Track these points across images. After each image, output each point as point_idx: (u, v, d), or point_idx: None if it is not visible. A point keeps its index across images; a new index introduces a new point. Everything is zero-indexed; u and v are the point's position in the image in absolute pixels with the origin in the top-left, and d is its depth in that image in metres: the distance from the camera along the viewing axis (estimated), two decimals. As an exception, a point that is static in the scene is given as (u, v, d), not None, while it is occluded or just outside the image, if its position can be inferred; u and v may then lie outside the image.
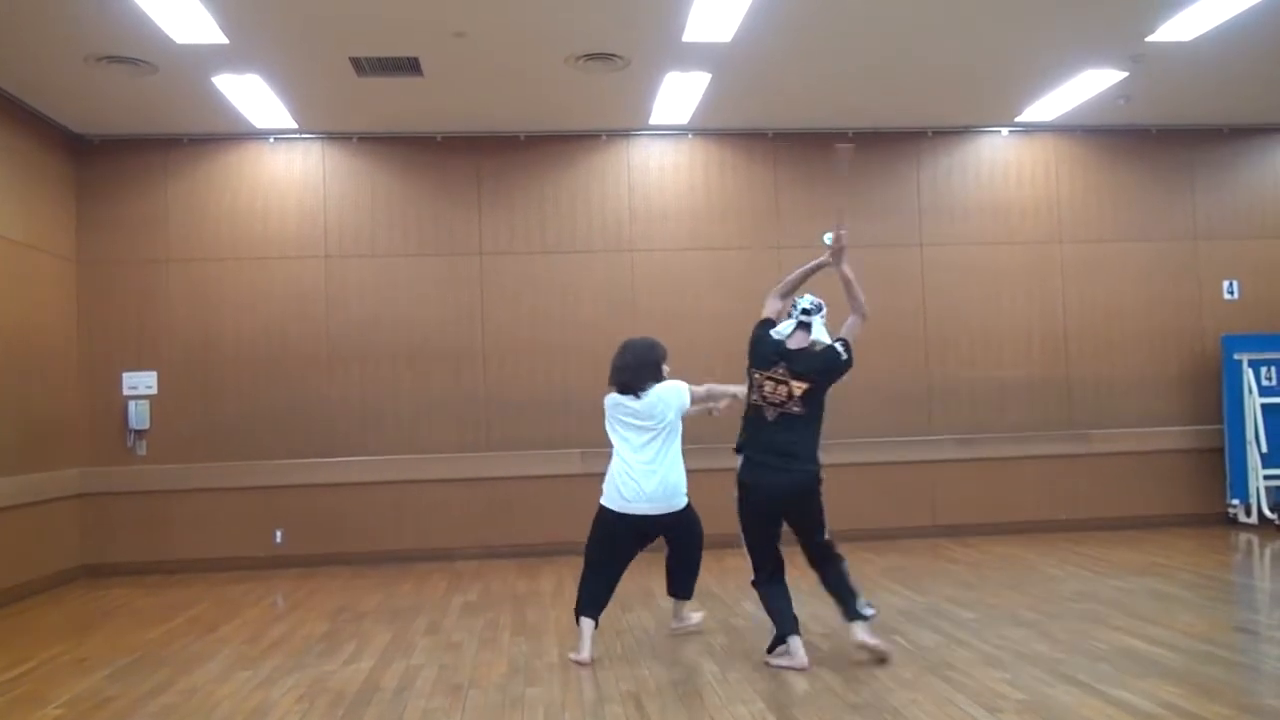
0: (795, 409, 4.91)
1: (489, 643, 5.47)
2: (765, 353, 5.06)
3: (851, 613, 4.82)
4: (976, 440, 8.84)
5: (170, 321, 8.38)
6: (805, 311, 5.16)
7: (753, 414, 5.05)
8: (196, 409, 8.33)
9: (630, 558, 5.34)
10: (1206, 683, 4.25)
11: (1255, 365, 8.70)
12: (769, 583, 5.05)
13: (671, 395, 5.29)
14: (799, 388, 4.92)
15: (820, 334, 5.08)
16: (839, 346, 5.00)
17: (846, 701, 4.18)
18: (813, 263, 5.37)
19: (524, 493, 8.49)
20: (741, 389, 5.29)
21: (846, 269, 5.21)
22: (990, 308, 8.99)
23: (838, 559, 5.01)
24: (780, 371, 4.98)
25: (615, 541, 5.23)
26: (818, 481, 5.00)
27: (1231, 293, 9.17)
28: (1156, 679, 4.33)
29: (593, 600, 5.15)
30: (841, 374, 5.00)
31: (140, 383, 8.29)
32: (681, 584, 5.56)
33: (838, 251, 5.23)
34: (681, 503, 5.33)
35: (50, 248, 7.89)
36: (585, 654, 4.96)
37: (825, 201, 8.92)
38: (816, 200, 8.91)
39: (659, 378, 5.37)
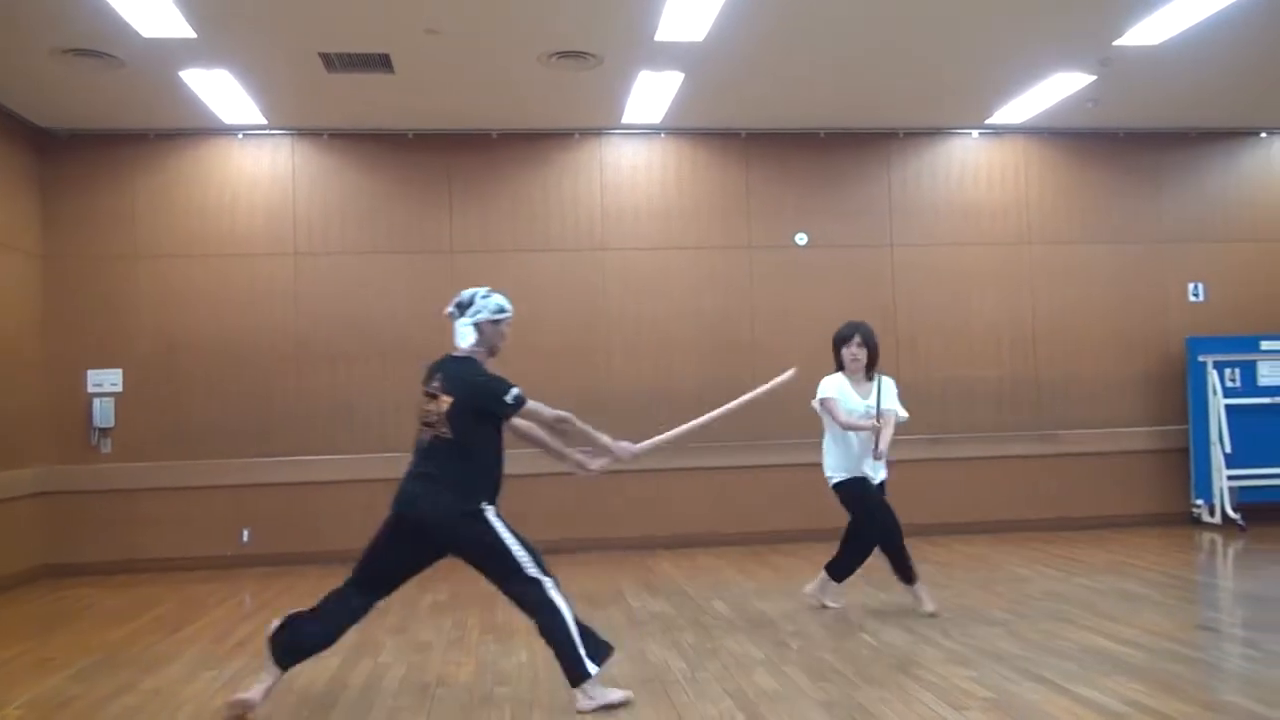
0: (441, 432, 4.22)
1: (457, 642, 5.45)
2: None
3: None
4: (946, 440, 8.89)
5: (137, 318, 8.29)
6: (458, 306, 4.41)
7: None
8: (163, 407, 8.25)
9: None
10: (1170, 680, 4.30)
11: (1219, 367, 8.80)
12: (339, 594, 4.31)
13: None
14: (445, 403, 4.21)
15: (466, 338, 4.37)
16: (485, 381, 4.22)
17: (815, 699, 4.18)
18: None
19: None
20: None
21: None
22: (960, 308, 9.05)
23: (540, 615, 4.17)
24: (435, 385, 4.31)
25: None
26: (463, 516, 4.16)
27: (1197, 295, 9.28)
28: (1121, 676, 4.37)
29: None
30: (486, 405, 4.22)
31: (105, 380, 8.19)
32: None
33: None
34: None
35: (15, 243, 7.78)
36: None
37: (796, 202, 8.97)
38: (788, 201, 8.94)
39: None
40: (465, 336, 4.36)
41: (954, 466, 8.90)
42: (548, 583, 4.17)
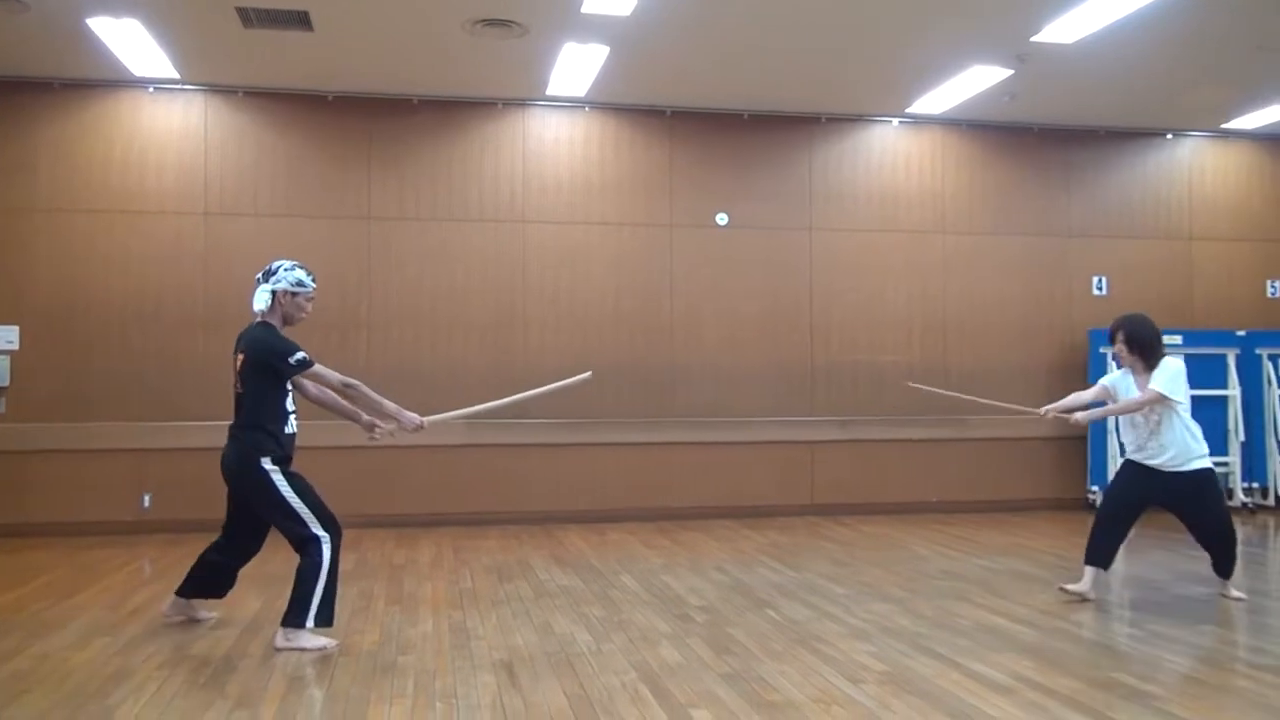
0: (238, 387, 4.74)
1: (362, 611, 5.39)
2: None
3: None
4: (855, 422, 9.06)
5: (35, 274, 8.00)
6: (264, 273, 4.84)
7: None
8: (61, 366, 7.98)
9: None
10: (1058, 657, 4.46)
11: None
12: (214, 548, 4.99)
13: None
14: (239, 360, 4.73)
15: (261, 301, 4.73)
16: (269, 333, 4.68)
17: (717, 672, 4.24)
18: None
19: (405, 463, 8.37)
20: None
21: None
22: (874, 294, 9.21)
23: (306, 556, 4.60)
24: (239, 346, 4.80)
25: None
26: (245, 467, 4.63)
27: (1100, 289, 9.57)
28: (1012, 653, 4.51)
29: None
30: (268, 360, 4.64)
31: (0, 338, 7.89)
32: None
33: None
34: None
35: (-96, 190, 7.44)
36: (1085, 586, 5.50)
37: (719, 183, 9.02)
38: (710, 180, 8.98)
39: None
40: (261, 301, 4.74)
41: (863, 448, 9.08)
42: (324, 539, 4.59)
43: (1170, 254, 9.73)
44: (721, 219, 8.98)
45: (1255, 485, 9.27)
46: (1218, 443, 9.15)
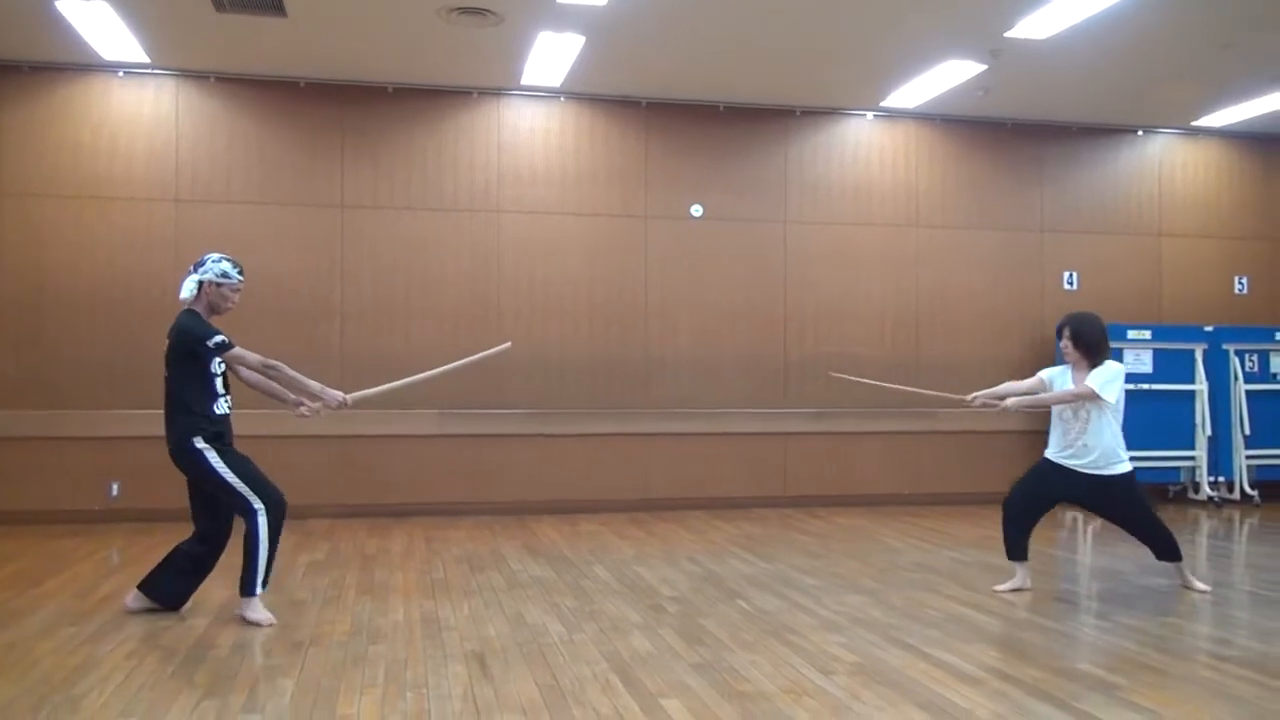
0: (166, 373, 4.93)
1: (333, 601, 5.37)
2: None
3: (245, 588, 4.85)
4: (828, 415, 9.10)
5: (1, 260, 7.90)
6: (195, 264, 5.01)
7: None
8: (27, 353, 7.89)
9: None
10: (1024, 648, 4.50)
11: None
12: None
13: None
14: (166, 346, 4.93)
15: (186, 290, 4.92)
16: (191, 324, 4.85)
17: (688, 662, 4.26)
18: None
19: (379, 452, 8.34)
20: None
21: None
22: (847, 286, 9.25)
23: (247, 527, 4.87)
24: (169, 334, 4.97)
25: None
26: (180, 449, 4.86)
27: (1071, 284, 9.66)
28: (981, 644, 4.56)
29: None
30: (188, 345, 4.82)
31: (-34, 323, 7.79)
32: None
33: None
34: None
35: None
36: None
37: (694, 174, 9.02)
38: (685, 172, 8.98)
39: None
40: (187, 289, 4.94)
41: (835, 440, 9.12)
42: (260, 508, 4.84)
43: (1140, 250, 9.82)
44: (696, 211, 8.99)
45: (1221, 480, 9.38)
46: (1185, 437, 9.28)
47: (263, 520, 4.83)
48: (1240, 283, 10.02)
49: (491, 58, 7.79)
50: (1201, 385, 9.33)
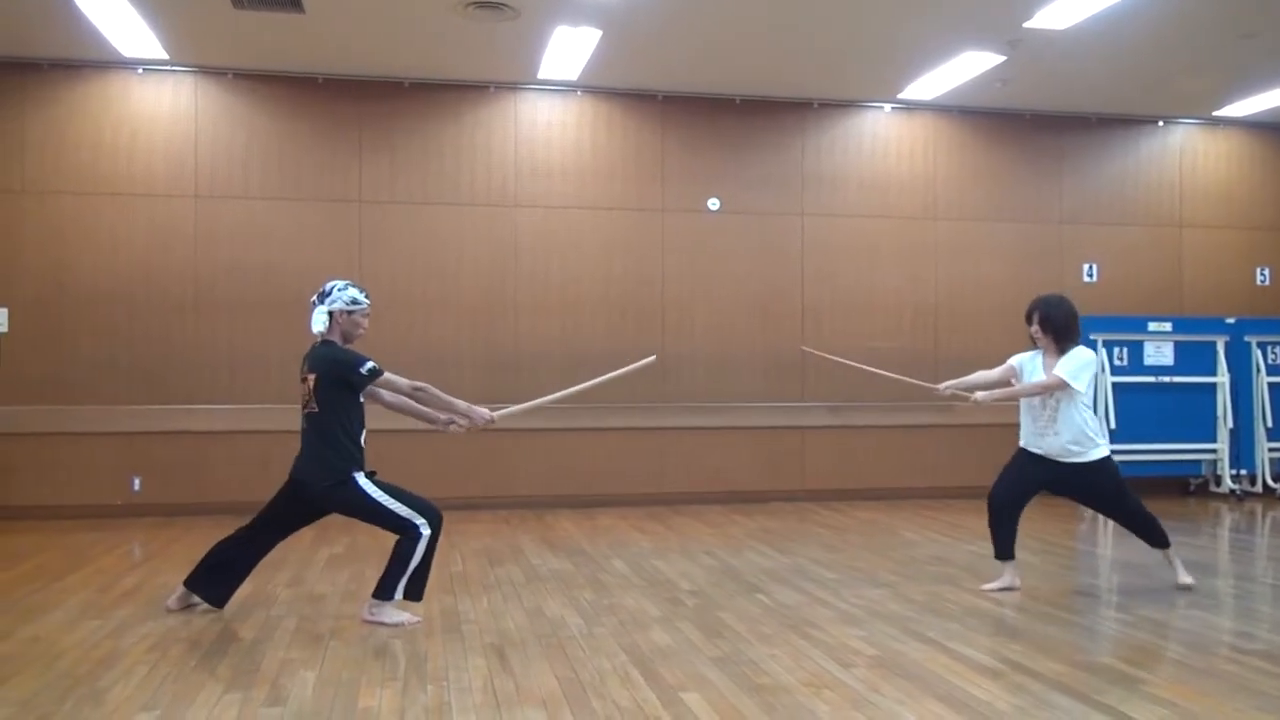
0: (312, 408, 4.78)
1: (353, 595, 5.39)
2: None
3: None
4: (846, 408, 9.07)
5: (23, 256, 7.96)
6: (319, 295, 4.89)
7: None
8: (51, 349, 7.95)
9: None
10: (1045, 641, 4.48)
11: (1109, 345, 9.12)
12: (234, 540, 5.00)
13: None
14: (311, 380, 4.77)
15: (318, 323, 4.83)
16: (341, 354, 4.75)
17: (707, 655, 4.26)
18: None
19: (398, 446, 8.33)
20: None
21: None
22: (865, 279, 9.22)
23: (405, 535, 4.76)
24: (304, 369, 4.87)
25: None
26: (335, 483, 4.72)
27: (1091, 275, 9.60)
28: (1000, 637, 4.54)
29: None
30: (343, 374, 4.72)
31: (-11, 319, 7.86)
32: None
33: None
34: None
35: (-110, 171, 7.38)
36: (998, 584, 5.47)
37: (711, 168, 9.00)
38: (702, 166, 8.97)
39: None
40: (319, 322, 4.84)
41: (854, 434, 9.10)
42: (426, 532, 4.74)
43: (1160, 241, 9.75)
44: (713, 204, 8.97)
45: (1243, 472, 9.31)
46: (1206, 430, 9.22)
47: (424, 539, 4.73)
48: (1262, 274, 9.93)
49: (508, 52, 7.79)
50: (1223, 377, 9.26)
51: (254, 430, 8.09)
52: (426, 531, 4.73)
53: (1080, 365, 5.35)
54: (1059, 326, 5.43)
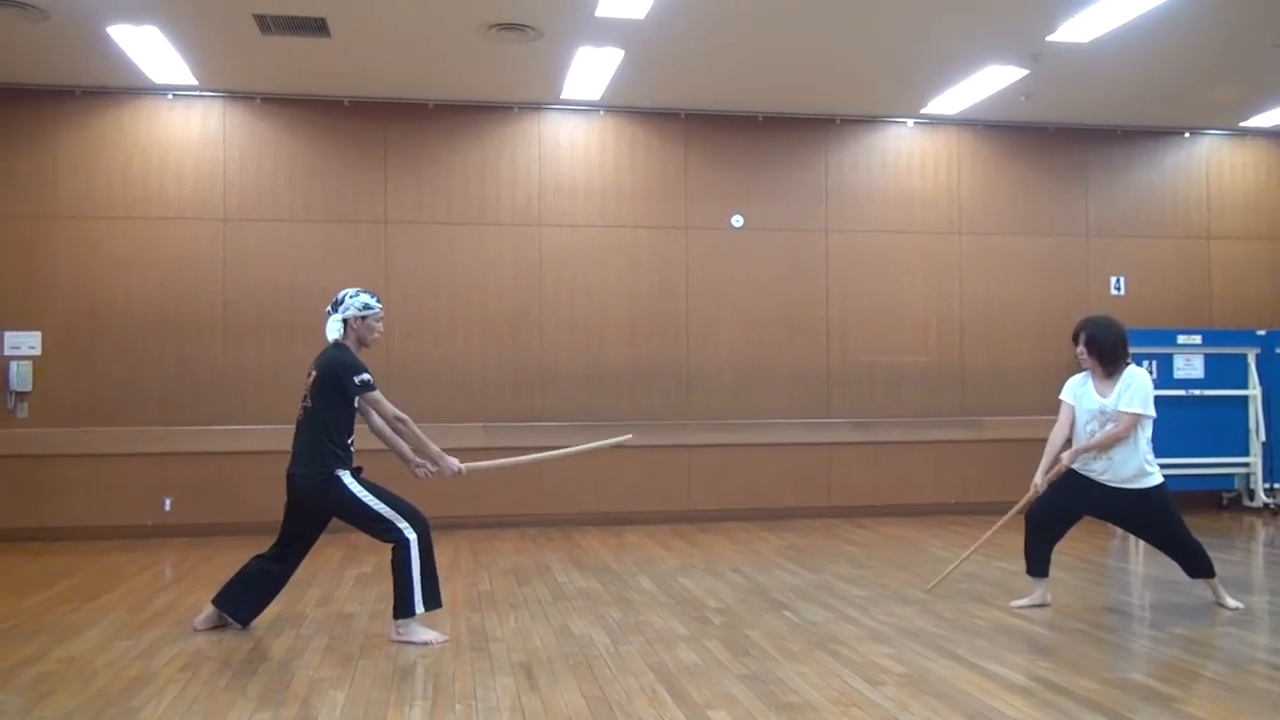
0: (307, 404, 4.96)
1: (381, 615, 5.41)
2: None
3: (401, 610, 4.79)
4: (873, 424, 9.04)
5: (56, 280, 8.07)
6: (332, 304, 5.11)
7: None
8: (83, 371, 8.05)
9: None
10: (1077, 658, 4.44)
11: (1136, 359, 8.92)
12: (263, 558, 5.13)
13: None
14: (312, 376, 4.96)
15: (333, 330, 5.01)
16: (345, 361, 4.91)
17: (735, 673, 4.25)
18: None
19: (424, 466, 8.39)
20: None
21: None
22: (890, 295, 9.19)
23: (395, 550, 4.85)
24: (311, 367, 5.05)
25: None
26: (321, 483, 4.84)
27: (1118, 289, 9.53)
28: (1031, 654, 4.51)
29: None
30: (338, 376, 4.87)
31: (23, 343, 7.97)
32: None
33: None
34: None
35: (-73, 198, 7.52)
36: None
37: (734, 185, 9.02)
38: (725, 183, 8.99)
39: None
40: (334, 330, 5.02)
41: (880, 450, 9.06)
42: (407, 529, 4.81)
43: (1188, 253, 9.67)
44: (737, 221, 8.98)
45: (1277, 486, 9.18)
46: (1238, 443, 9.11)
47: (414, 543, 4.80)
48: (1293, 285, 9.82)
49: (531, 73, 7.85)
50: (1255, 390, 9.15)
51: (283, 450, 8.01)
52: (411, 535, 4.79)
53: (1145, 393, 5.26)
54: (1106, 348, 5.33)
